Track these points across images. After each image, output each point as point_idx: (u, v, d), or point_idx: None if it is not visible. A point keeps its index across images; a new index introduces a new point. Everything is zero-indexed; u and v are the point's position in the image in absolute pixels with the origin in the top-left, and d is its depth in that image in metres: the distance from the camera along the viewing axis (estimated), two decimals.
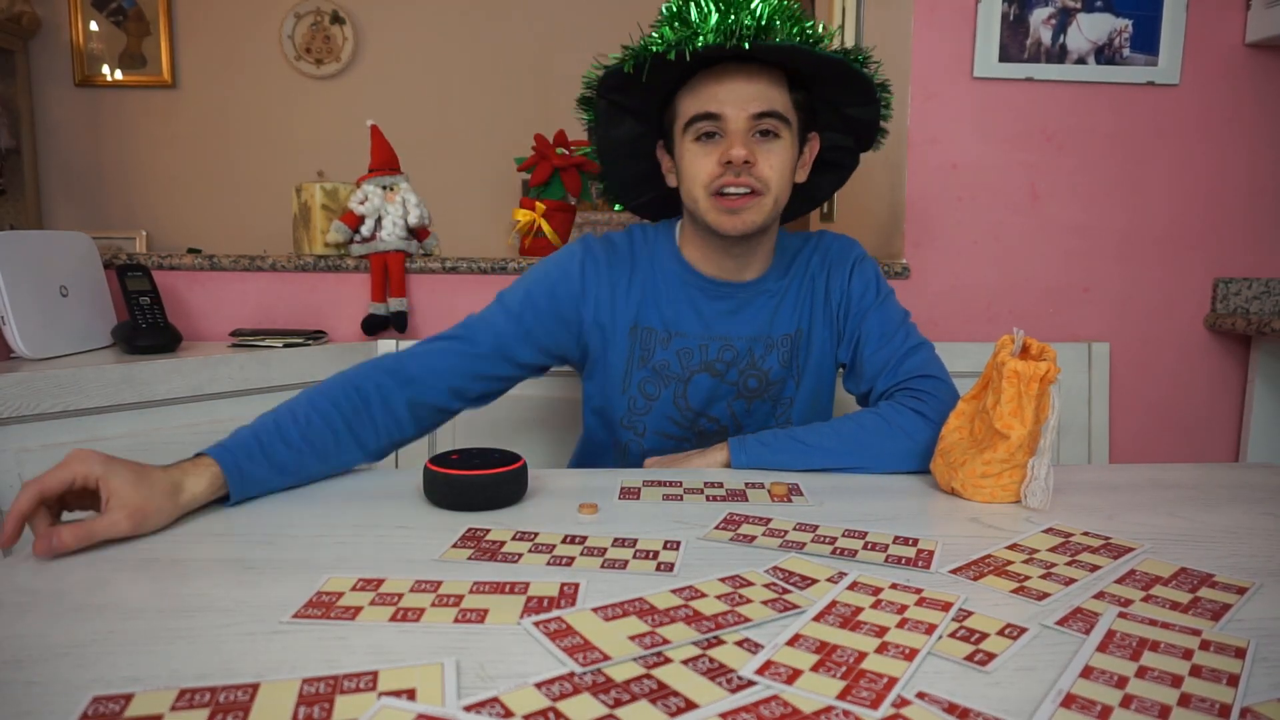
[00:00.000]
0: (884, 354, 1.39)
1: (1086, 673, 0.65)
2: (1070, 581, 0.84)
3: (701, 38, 1.19)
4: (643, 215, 1.59)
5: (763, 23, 1.19)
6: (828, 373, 1.46)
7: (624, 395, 1.42)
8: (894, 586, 0.80)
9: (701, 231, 1.36)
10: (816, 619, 0.73)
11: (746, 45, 1.19)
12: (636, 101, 1.35)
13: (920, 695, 0.62)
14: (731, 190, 1.28)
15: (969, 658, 0.67)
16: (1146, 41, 2.14)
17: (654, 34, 1.23)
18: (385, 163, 2.13)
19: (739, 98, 1.26)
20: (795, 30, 1.22)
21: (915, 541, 0.94)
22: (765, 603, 0.76)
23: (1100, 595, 0.80)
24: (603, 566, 0.86)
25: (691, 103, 1.29)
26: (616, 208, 1.59)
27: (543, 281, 1.39)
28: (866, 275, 1.45)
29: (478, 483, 1.04)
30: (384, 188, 2.10)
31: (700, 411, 1.43)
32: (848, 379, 1.45)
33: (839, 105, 1.37)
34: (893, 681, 0.63)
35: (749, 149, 1.26)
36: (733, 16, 1.19)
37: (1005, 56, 2.14)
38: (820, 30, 1.25)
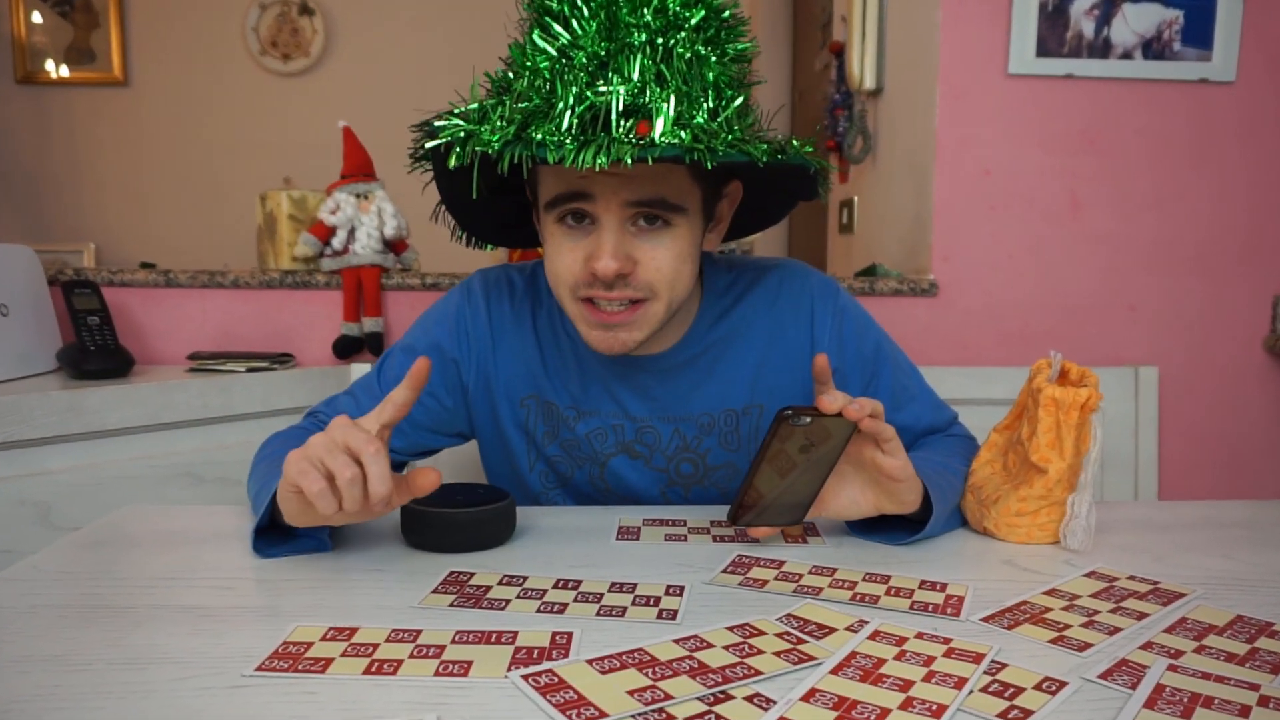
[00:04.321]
0: (926, 420, 1.31)
1: None
2: (1115, 631, 0.84)
3: (544, 134, 0.95)
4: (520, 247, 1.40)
5: (630, 100, 0.96)
6: None
7: (532, 472, 1.31)
8: (920, 636, 0.81)
9: None
10: (834, 672, 0.73)
11: (603, 161, 0.92)
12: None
13: None
14: (604, 303, 1.10)
15: (1003, 715, 0.68)
16: (1199, 34, 2.16)
17: (492, 97, 1.04)
18: (359, 168, 2.14)
19: (614, 179, 1.04)
20: (689, 108, 0.97)
21: (943, 586, 0.95)
22: (778, 654, 0.77)
23: (1148, 646, 0.80)
24: (599, 614, 0.86)
25: (551, 177, 1.09)
26: (488, 248, 1.38)
27: (412, 349, 1.29)
28: (864, 326, 1.31)
29: (461, 521, 1.04)
30: (357, 196, 2.11)
31: (626, 498, 1.30)
32: None
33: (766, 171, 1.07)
34: None
35: (623, 254, 1.07)
36: (590, 92, 0.96)
37: (1043, 51, 2.15)
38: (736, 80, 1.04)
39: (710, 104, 0.99)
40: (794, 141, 1.02)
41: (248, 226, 3.01)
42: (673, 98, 0.95)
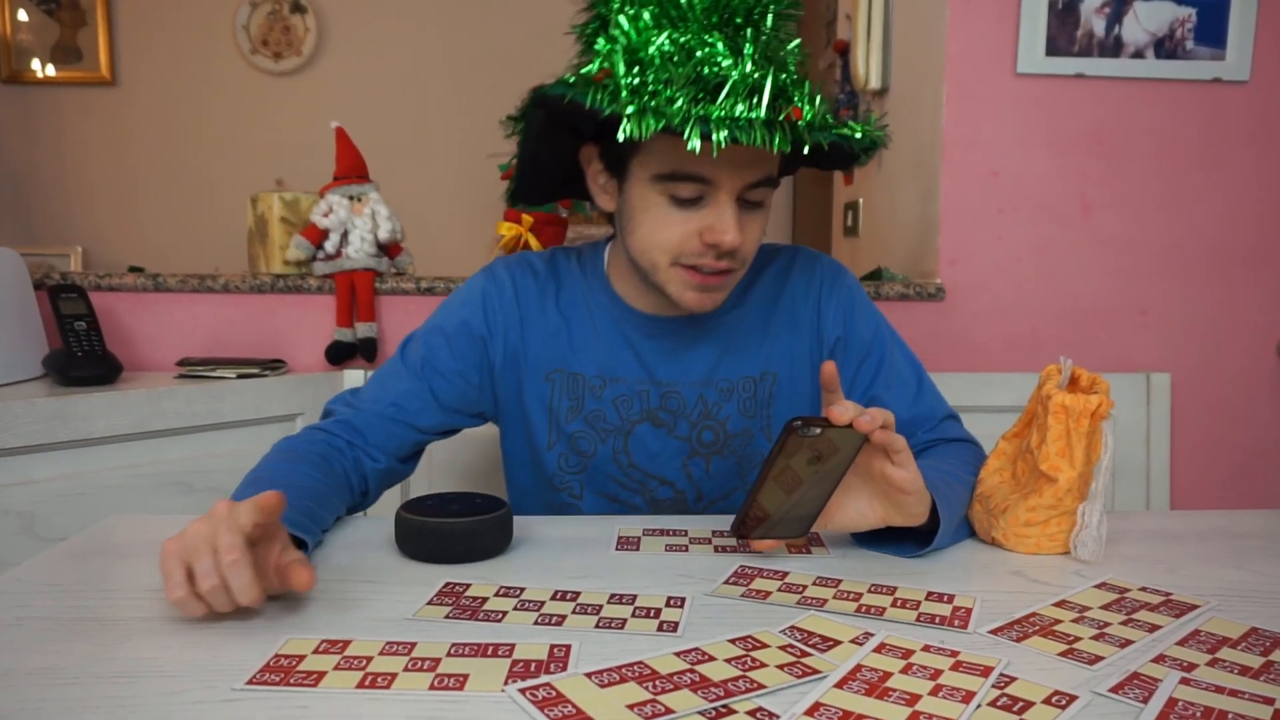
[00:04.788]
0: (919, 408, 1.35)
1: None
2: (1126, 643, 0.84)
3: (716, 111, 1.03)
4: (534, 204, 1.59)
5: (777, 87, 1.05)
6: None
7: (551, 451, 1.36)
8: (927, 649, 0.81)
9: (649, 283, 1.26)
10: (839, 685, 0.73)
11: (788, 149, 1.05)
12: (585, 118, 1.16)
13: None
14: (708, 269, 1.19)
15: None
16: (1212, 33, 2.16)
17: (626, 70, 1.06)
18: (352, 169, 2.14)
19: (737, 163, 1.13)
20: (817, 103, 1.08)
21: (951, 598, 0.95)
22: (781, 667, 0.77)
23: (1160, 659, 0.80)
24: (598, 626, 0.86)
25: (670, 154, 1.14)
26: (516, 206, 1.54)
27: (439, 334, 1.35)
28: (869, 309, 1.39)
29: (456, 531, 1.04)
30: (351, 198, 2.11)
31: (648, 472, 1.36)
32: None
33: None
34: None
35: (739, 229, 1.16)
36: (736, 73, 1.05)
37: (1053, 50, 2.16)
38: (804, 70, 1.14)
39: (807, 88, 1.09)
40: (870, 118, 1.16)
41: (238, 229, 3.02)
42: (807, 83, 1.08)
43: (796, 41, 1.15)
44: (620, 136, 1.02)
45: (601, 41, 1.09)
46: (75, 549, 1.08)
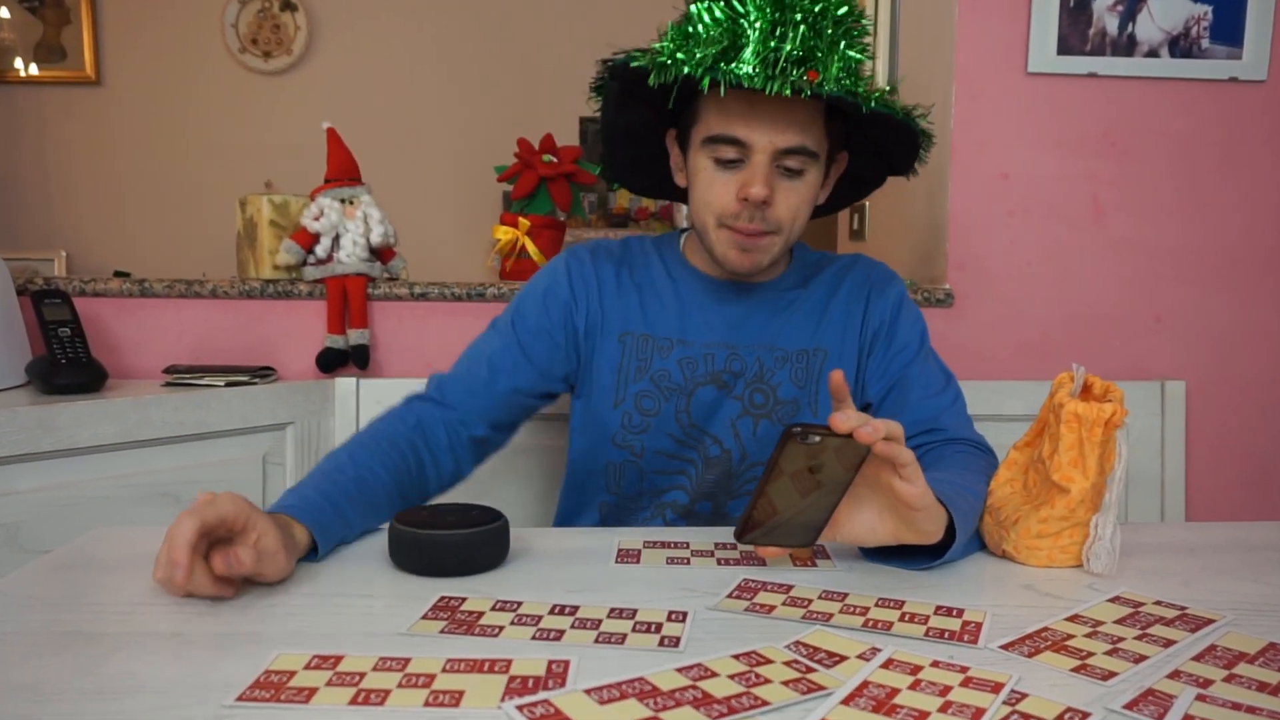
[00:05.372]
0: (929, 405, 1.44)
1: None
2: (1140, 659, 0.84)
3: (742, 66, 1.22)
4: (647, 195, 1.73)
5: (802, 53, 1.23)
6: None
7: (617, 410, 1.49)
8: (935, 664, 0.81)
9: (707, 248, 1.44)
10: (845, 702, 0.73)
11: (788, 92, 1.21)
12: (651, 91, 1.37)
13: None
14: (745, 230, 1.36)
15: None
16: (1229, 31, 2.16)
17: (678, 35, 1.26)
18: (344, 172, 2.14)
19: (770, 127, 1.31)
20: (841, 69, 1.25)
21: (960, 612, 0.95)
22: (786, 683, 0.77)
23: (1175, 675, 0.81)
24: (597, 641, 0.87)
25: (716, 117, 1.34)
26: (613, 186, 1.70)
27: (529, 296, 1.52)
28: (913, 314, 1.53)
29: (452, 543, 1.04)
30: (342, 201, 2.11)
31: (704, 429, 1.48)
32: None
33: (875, 140, 1.46)
34: None
35: (769, 188, 1.32)
36: (772, 42, 1.22)
37: (1064, 49, 2.16)
38: (869, 60, 1.31)
39: (854, 68, 1.28)
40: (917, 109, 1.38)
41: (227, 233, 3.02)
42: (835, 57, 1.25)
43: (844, 9, 1.28)
44: (651, 81, 1.25)
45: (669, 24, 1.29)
46: (60, 561, 1.08)
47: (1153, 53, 2.16)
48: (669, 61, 1.24)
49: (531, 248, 2.21)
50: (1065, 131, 2.20)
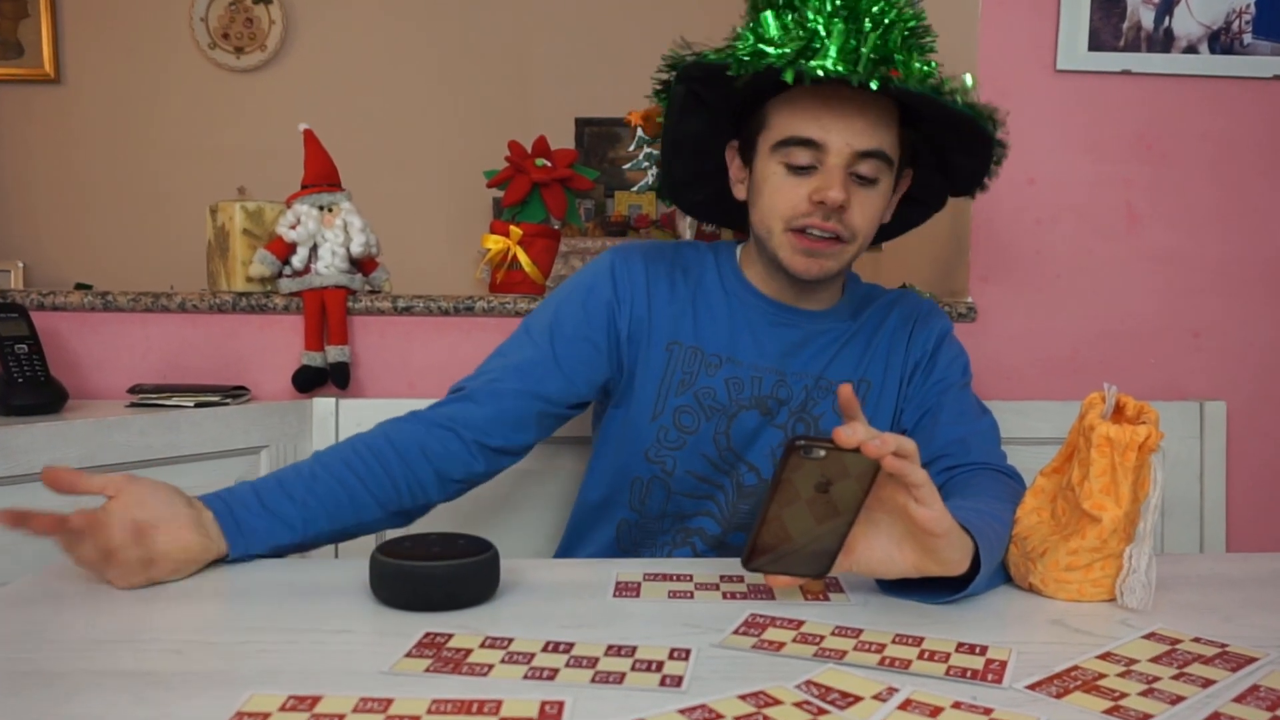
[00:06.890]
0: (959, 429, 1.47)
1: None
2: (1177, 699, 0.84)
3: (825, 61, 1.24)
4: (695, 216, 1.77)
5: (880, 56, 1.27)
6: None
7: (654, 423, 1.50)
8: (957, 706, 0.81)
9: (768, 259, 1.47)
10: None
11: (874, 85, 1.24)
12: (717, 96, 1.42)
13: None
14: (815, 231, 1.37)
15: None
16: (1273, 25, 2.16)
17: (752, 34, 1.29)
18: (322, 177, 2.15)
19: (847, 129, 1.34)
20: (921, 67, 1.30)
21: (984, 650, 0.95)
22: None
23: (1215, 717, 0.81)
24: (594, 680, 0.87)
25: (788, 120, 1.36)
26: (665, 203, 1.74)
27: (569, 301, 1.51)
28: (955, 349, 1.59)
29: (438, 575, 1.04)
30: (321, 208, 2.12)
31: (741, 455, 1.50)
32: None
33: (944, 149, 1.50)
34: None
35: (846, 192, 1.34)
36: (854, 40, 1.26)
37: (1096, 44, 2.16)
38: (940, 68, 1.34)
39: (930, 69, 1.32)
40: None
41: (196, 242, 3.03)
42: (913, 59, 1.30)
43: (915, 22, 1.33)
44: (732, 71, 1.27)
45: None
46: (17, 596, 1.09)
47: (1191, 48, 2.16)
48: (748, 57, 1.27)
49: (524, 258, 2.21)
50: (1097, 133, 2.20)
